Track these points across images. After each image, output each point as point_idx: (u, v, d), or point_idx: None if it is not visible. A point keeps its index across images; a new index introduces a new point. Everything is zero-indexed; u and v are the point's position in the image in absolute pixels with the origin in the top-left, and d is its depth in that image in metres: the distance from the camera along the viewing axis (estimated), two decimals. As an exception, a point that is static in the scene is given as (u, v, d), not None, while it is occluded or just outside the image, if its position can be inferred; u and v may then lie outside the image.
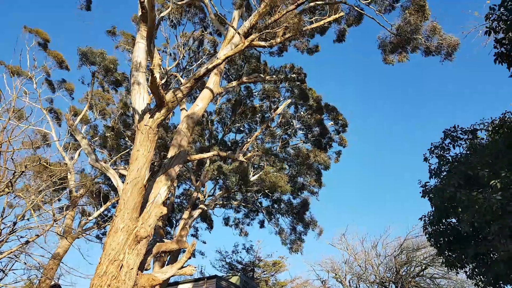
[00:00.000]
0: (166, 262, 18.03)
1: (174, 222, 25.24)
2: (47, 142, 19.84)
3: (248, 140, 22.11)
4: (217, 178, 21.17)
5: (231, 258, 35.16)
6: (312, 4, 12.49)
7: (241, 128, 24.01)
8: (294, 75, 20.71)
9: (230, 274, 28.45)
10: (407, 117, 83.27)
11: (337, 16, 10.22)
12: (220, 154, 13.52)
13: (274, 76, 20.42)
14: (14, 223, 10.96)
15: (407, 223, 62.92)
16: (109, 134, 21.70)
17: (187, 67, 22.16)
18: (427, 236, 12.02)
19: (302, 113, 22.08)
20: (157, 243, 11.08)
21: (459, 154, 11.64)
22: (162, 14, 11.49)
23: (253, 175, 19.30)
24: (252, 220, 25.26)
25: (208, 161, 20.71)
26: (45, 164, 12.22)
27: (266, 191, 19.30)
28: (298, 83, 21.04)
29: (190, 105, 13.15)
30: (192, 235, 26.87)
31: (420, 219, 12.07)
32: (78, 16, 15.34)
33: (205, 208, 19.71)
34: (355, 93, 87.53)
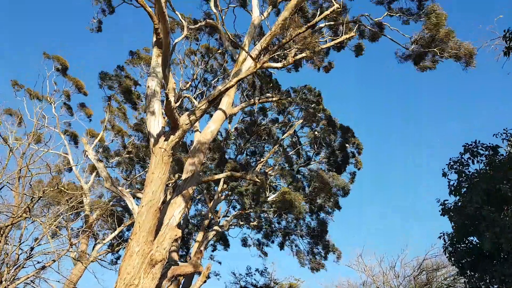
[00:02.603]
0: (181, 285, 17.83)
1: (189, 243, 25.04)
2: (66, 167, 20.11)
3: (261, 160, 22.06)
4: (232, 198, 21.07)
5: (246, 281, 34.45)
6: (323, 25, 12.65)
7: (254, 149, 23.99)
8: (311, 97, 20.72)
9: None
10: (421, 133, 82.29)
11: (348, 36, 10.32)
12: (234, 175, 13.45)
13: (289, 98, 20.50)
14: (31, 248, 11.03)
15: (425, 242, 61.22)
16: (124, 157, 21.94)
17: (201, 88, 22.48)
18: (447, 255, 11.63)
19: (317, 133, 21.98)
20: (172, 266, 10.97)
21: (479, 170, 11.34)
22: (176, 40, 11.74)
23: (269, 196, 19.15)
24: (270, 242, 24.74)
25: (221, 181, 20.67)
26: (62, 188, 12.39)
27: (283, 212, 19.08)
28: (310, 100, 21.03)
29: (204, 125, 13.25)
30: (209, 256, 26.53)
31: (439, 237, 11.70)
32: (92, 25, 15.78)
33: (220, 230, 19.56)
34: (368, 109, 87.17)
